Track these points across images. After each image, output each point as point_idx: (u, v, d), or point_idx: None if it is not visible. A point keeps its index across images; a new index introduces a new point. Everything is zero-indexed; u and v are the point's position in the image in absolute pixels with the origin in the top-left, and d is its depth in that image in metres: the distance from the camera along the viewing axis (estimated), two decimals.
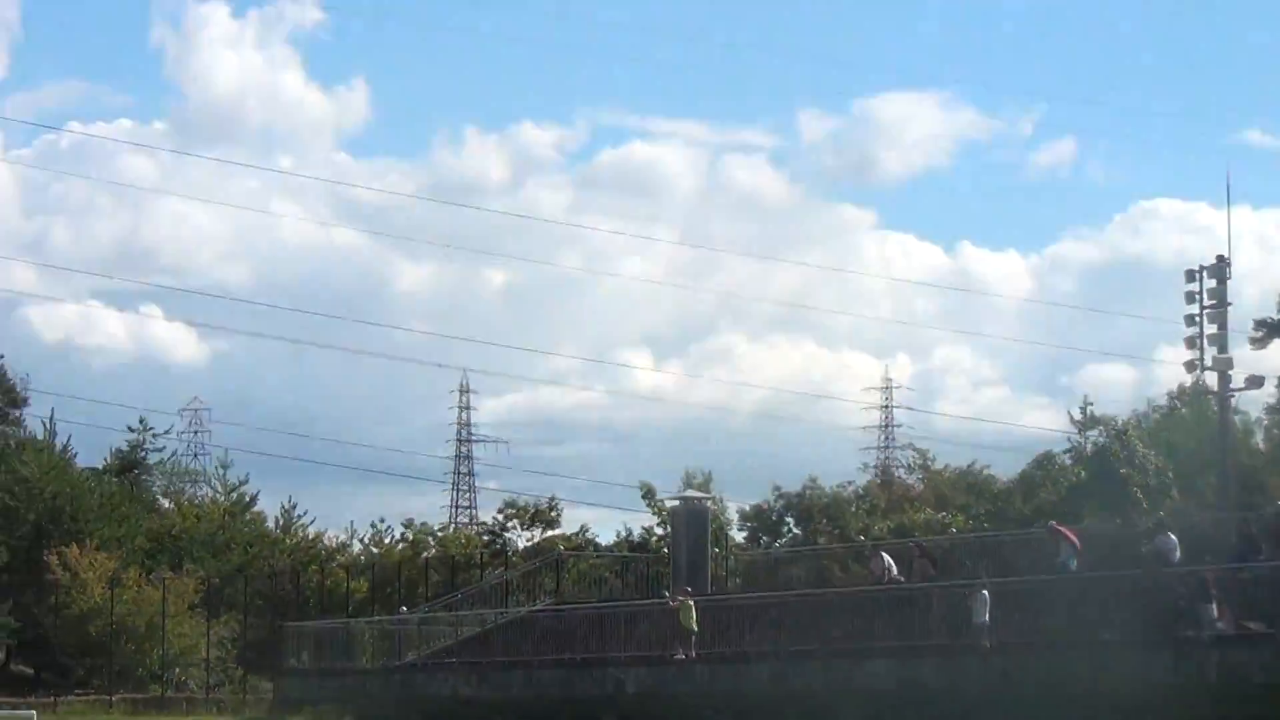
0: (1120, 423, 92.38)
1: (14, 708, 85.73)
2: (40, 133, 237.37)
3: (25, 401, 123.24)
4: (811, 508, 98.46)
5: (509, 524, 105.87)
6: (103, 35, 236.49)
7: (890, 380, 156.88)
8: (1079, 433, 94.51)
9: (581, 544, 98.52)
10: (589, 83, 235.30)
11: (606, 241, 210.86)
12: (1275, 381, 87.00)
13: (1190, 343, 73.80)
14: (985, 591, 48.01)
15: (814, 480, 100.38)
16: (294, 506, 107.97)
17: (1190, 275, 73.57)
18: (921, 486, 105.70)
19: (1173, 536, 48.95)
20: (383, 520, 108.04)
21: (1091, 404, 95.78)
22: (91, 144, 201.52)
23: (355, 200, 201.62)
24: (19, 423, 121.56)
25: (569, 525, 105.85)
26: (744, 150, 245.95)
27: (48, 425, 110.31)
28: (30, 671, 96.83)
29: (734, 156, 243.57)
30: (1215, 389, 75.87)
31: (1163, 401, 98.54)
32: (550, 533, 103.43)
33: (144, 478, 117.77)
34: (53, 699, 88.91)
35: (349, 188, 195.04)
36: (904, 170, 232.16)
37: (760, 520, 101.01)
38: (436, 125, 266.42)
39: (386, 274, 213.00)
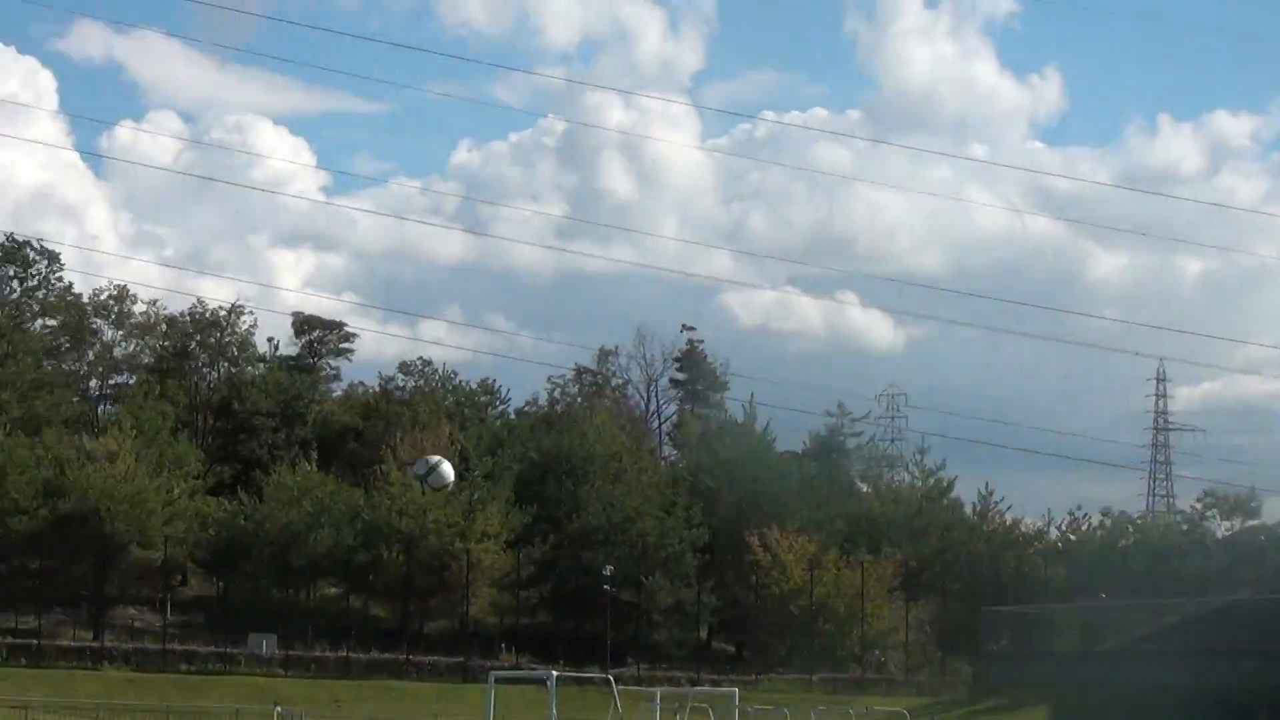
0: None
1: (715, 684, 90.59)
2: (736, 122, 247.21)
3: (726, 385, 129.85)
4: None
5: (1207, 513, 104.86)
6: (796, 26, 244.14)
7: None
8: None
9: None
10: None
11: None
12: None
13: None
14: None
15: None
16: (991, 492, 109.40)
17: None
18: None
19: None
20: (1079, 507, 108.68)
21: None
22: (786, 133, 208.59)
23: (1049, 188, 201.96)
24: (720, 406, 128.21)
25: (1270, 514, 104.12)
26: None
27: (747, 409, 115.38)
28: (731, 649, 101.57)
29: None
30: None
31: None
32: (1250, 522, 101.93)
33: (842, 462, 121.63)
34: (753, 676, 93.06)
35: (1043, 176, 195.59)
36: None
37: None
38: (1129, 113, 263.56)
39: (1080, 262, 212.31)
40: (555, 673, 57.28)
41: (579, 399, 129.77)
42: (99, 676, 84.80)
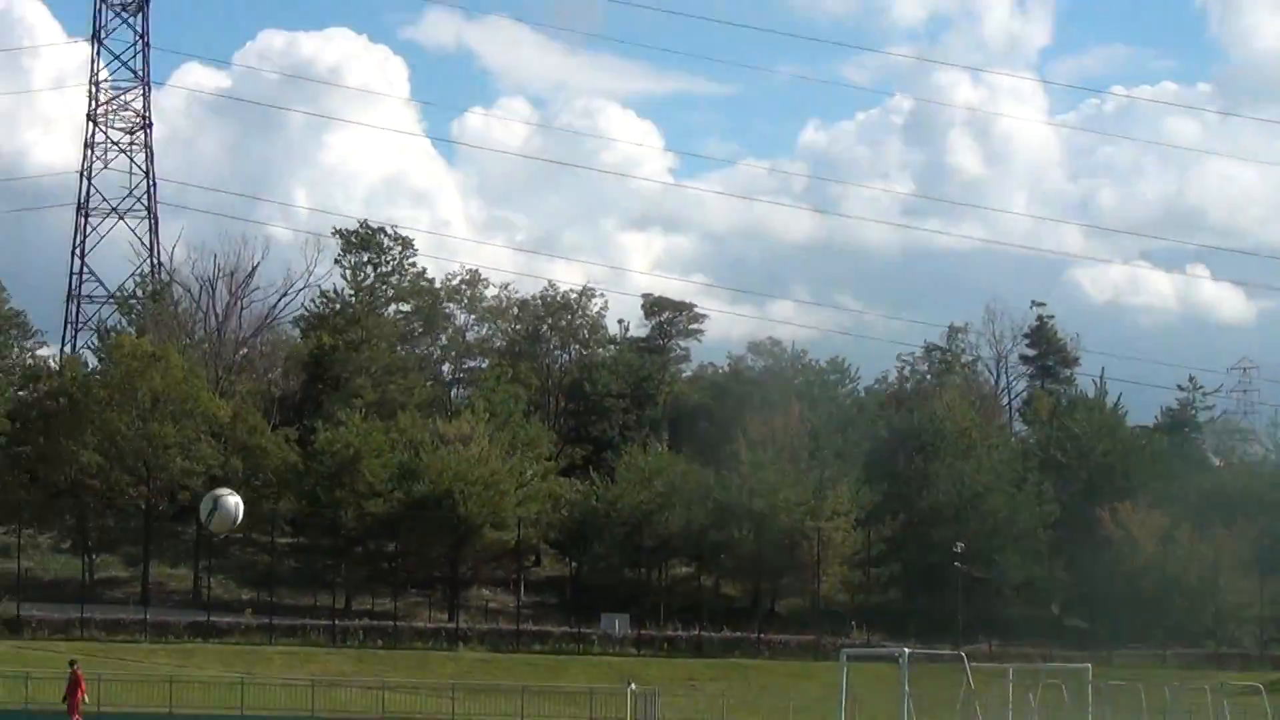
0: None
1: (1067, 661, 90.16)
2: (1084, 97, 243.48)
3: (1076, 361, 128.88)
4: None
5: None
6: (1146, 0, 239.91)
7: None
8: None
9: None
10: None
11: None
12: None
13: None
14: None
15: None
16: None
17: None
18: None
19: None
20: None
21: None
22: (1135, 106, 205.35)
23: None
24: (1071, 381, 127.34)
25: None
26: None
27: (1098, 384, 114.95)
28: (1083, 625, 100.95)
29: None
30: None
31: None
32: None
33: (1193, 436, 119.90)
34: (1106, 652, 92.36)
35: None
36: None
37: None
38: None
39: None
40: (907, 650, 58.31)
41: (929, 376, 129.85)
42: (454, 657, 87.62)
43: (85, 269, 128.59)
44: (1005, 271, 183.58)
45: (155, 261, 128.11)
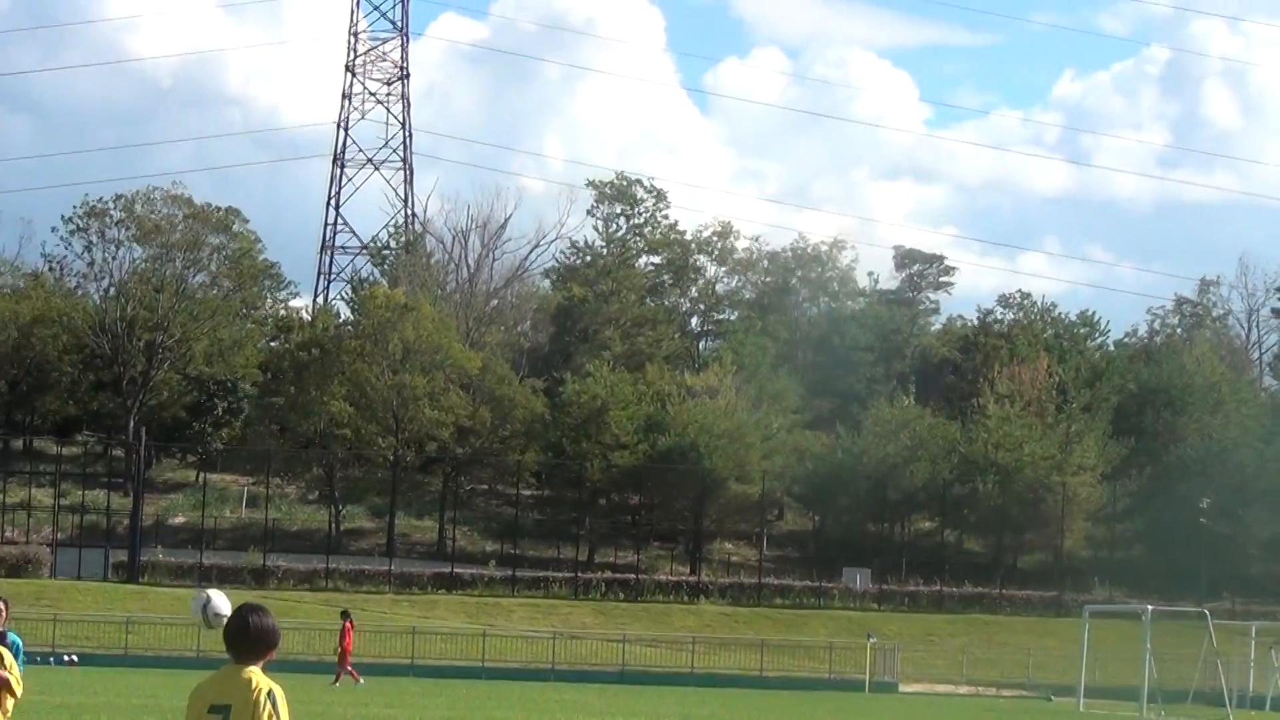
0: None
1: None
2: None
3: None
4: None
5: None
6: None
7: None
8: None
9: None
10: None
11: None
12: None
13: None
14: None
15: None
16: None
17: None
18: None
19: None
20: None
21: None
22: None
23: None
24: None
25: None
26: None
27: None
28: None
29: None
30: None
31: None
32: None
33: None
34: None
35: None
36: None
37: None
38: None
39: None
40: (1150, 607, 58.65)
41: (1179, 330, 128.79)
42: (695, 610, 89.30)
43: (340, 220, 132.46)
44: (1260, 224, 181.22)
45: (409, 213, 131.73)
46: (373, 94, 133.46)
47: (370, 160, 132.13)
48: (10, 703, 14.71)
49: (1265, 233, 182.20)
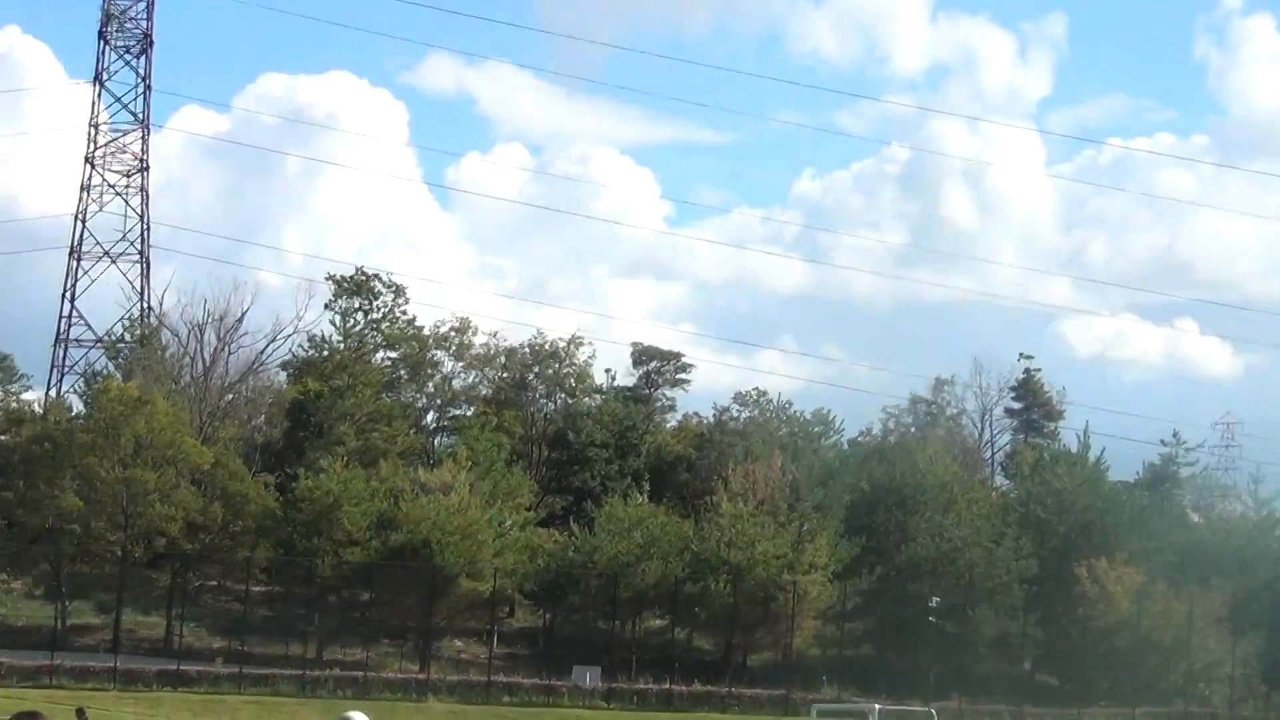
0: None
1: (1038, 718, 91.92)
2: (1081, 148, 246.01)
3: (1061, 414, 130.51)
4: None
5: None
6: (1146, 51, 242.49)
7: None
8: None
9: None
10: None
11: None
12: None
13: None
14: None
15: None
16: None
17: None
18: None
19: None
20: None
21: None
22: (1131, 158, 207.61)
23: None
24: (1055, 435, 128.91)
25: None
26: None
27: (1082, 438, 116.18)
28: (1054, 682, 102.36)
29: None
30: None
31: None
32: None
33: (1174, 491, 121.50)
34: (1076, 710, 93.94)
35: None
36: None
37: None
38: None
39: None
40: (878, 705, 59.77)
41: (913, 429, 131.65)
42: (423, 708, 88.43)
43: (75, 313, 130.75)
44: (994, 324, 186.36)
45: (145, 306, 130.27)
46: (112, 186, 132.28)
47: (107, 253, 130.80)
48: None
49: (999, 333, 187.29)
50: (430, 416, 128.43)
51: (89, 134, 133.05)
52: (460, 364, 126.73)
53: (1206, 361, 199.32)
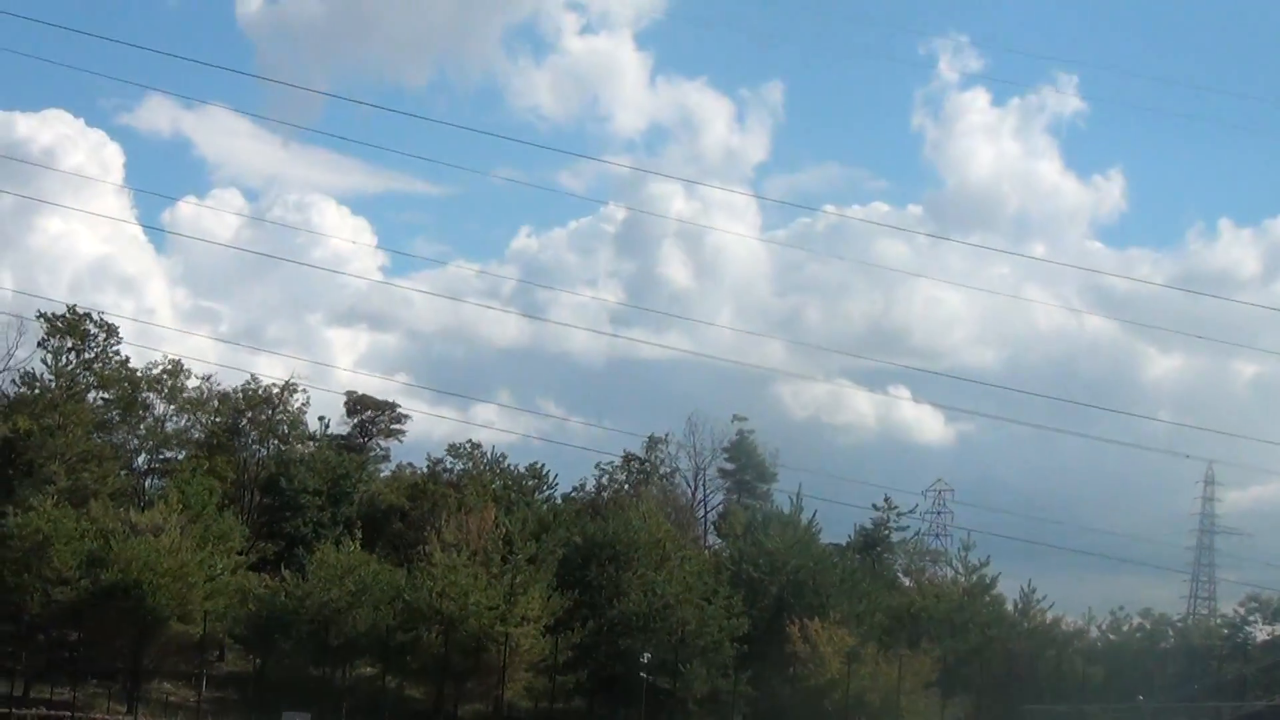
0: None
1: None
2: (797, 214, 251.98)
3: (774, 476, 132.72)
4: None
5: (1249, 617, 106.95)
6: (863, 121, 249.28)
7: None
8: None
9: None
10: None
11: None
12: None
13: None
14: None
15: None
16: (1033, 590, 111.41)
17: None
18: None
19: None
20: (1122, 608, 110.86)
21: None
22: (846, 226, 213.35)
23: (1107, 288, 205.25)
24: (767, 497, 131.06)
25: None
26: None
27: (794, 500, 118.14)
28: None
29: None
30: None
31: None
32: None
33: (886, 555, 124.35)
34: None
35: (1101, 276, 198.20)
36: None
37: None
38: (1191, 217, 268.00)
39: (1135, 363, 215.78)
40: None
41: (626, 486, 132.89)
42: None
43: None
44: (709, 384, 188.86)
45: None
46: None
47: None
48: None
49: (714, 393, 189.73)
50: (142, 458, 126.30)
51: None
52: (173, 407, 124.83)
53: (919, 428, 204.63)
